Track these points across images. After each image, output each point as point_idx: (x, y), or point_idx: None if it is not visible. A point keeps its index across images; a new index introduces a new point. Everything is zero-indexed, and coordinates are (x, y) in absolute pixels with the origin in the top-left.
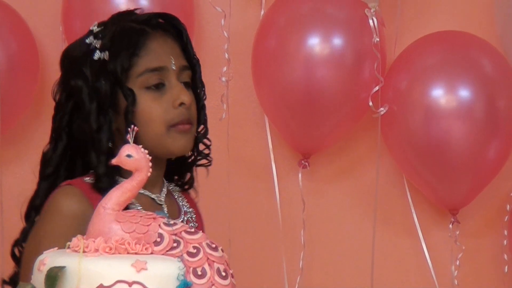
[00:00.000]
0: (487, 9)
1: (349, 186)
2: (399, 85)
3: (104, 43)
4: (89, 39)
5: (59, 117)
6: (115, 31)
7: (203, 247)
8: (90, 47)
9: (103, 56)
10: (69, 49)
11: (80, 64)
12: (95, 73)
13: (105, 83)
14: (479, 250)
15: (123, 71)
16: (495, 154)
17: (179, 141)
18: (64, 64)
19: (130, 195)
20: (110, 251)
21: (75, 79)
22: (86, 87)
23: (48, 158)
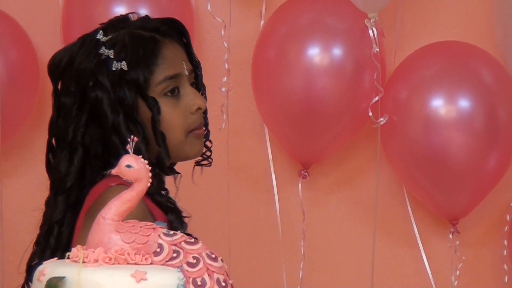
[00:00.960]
0: (486, 19)
1: (349, 196)
2: (398, 95)
3: (119, 53)
4: (102, 49)
5: (72, 129)
6: (126, 40)
7: (203, 257)
8: (101, 56)
9: (120, 66)
10: (71, 59)
11: (95, 75)
12: (115, 84)
13: (130, 93)
14: (479, 260)
15: (145, 81)
16: (495, 164)
17: (196, 145)
18: (68, 75)
19: (130, 206)
20: (109, 261)
21: (94, 90)
22: (107, 98)
23: (65, 172)
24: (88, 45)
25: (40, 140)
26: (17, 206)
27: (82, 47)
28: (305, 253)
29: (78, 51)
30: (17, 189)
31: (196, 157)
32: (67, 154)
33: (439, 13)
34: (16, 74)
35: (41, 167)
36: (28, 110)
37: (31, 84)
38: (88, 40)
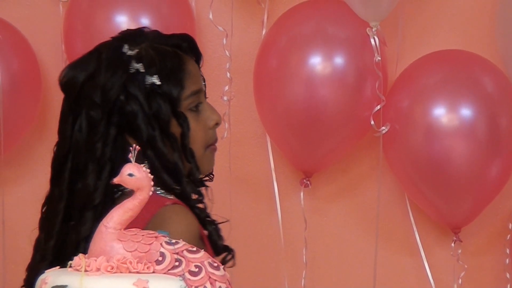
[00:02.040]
0: (488, 28)
1: (351, 204)
2: (400, 104)
3: (149, 67)
4: (132, 64)
5: (100, 145)
6: (152, 54)
7: (205, 266)
8: (130, 70)
9: (152, 80)
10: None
11: (127, 89)
12: (149, 98)
13: (165, 107)
14: (481, 268)
15: (178, 95)
16: (497, 172)
17: (211, 160)
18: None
19: (131, 214)
20: (111, 270)
21: (128, 105)
22: (141, 112)
23: (94, 188)
24: (114, 59)
25: (41, 148)
26: (19, 214)
27: (104, 61)
28: (307, 261)
29: (99, 66)
30: (19, 197)
31: (209, 172)
32: (94, 169)
33: (440, 22)
34: (18, 83)
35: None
36: (30, 119)
37: (33, 93)
38: (109, 53)
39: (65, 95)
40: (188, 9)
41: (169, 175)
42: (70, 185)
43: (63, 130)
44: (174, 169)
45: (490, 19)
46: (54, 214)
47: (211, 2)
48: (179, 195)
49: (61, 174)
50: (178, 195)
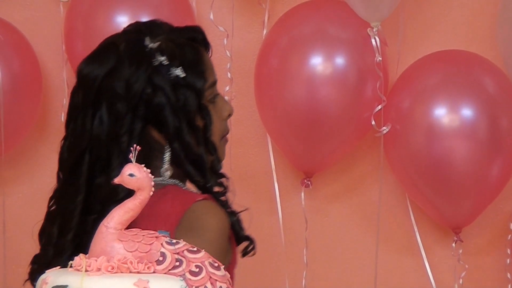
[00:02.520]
0: (489, 28)
1: (351, 205)
2: (401, 104)
3: (172, 59)
4: (156, 57)
5: (126, 138)
6: (173, 46)
7: (205, 266)
8: (154, 63)
9: (177, 72)
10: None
11: (152, 81)
12: (176, 90)
13: (191, 99)
14: (482, 268)
15: (202, 87)
16: (498, 172)
17: (224, 151)
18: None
19: (132, 214)
20: (112, 270)
21: (155, 97)
22: (168, 104)
23: None
24: (136, 52)
25: (42, 148)
26: (20, 214)
27: (125, 54)
28: (308, 261)
29: (120, 59)
30: (20, 198)
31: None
32: (119, 163)
33: (441, 22)
34: (19, 83)
35: (44, 176)
36: (31, 119)
37: (34, 93)
38: (130, 47)
39: (83, 90)
40: (188, 9)
41: (194, 168)
42: (89, 179)
43: (80, 124)
44: (199, 162)
45: (491, 19)
46: (71, 207)
47: (212, 2)
48: (202, 187)
49: (77, 168)
50: (201, 188)
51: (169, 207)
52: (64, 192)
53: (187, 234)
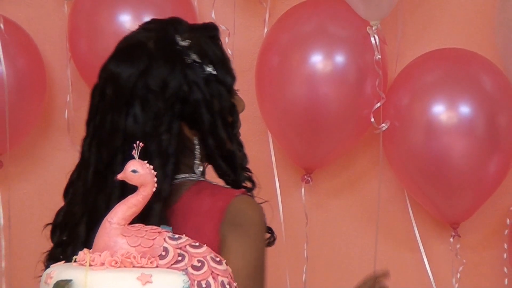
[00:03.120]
0: (487, 27)
1: (351, 200)
2: (400, 102)
3: (203, 57)
4: (189, 55)
5: (166, 137)
6: (200, 44)
7: (207, 260)
8: (187, 61)
9: (210, 70)
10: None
11: (187, 79)
12: (210, 88)
13: (225, 96)
14: (480, 263)
15: (231, 84)
16: (495, 169)
17: None
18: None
19: (135, 210)
20: (116, 264)
21: (192, 95)
22: (204, 102)
23: (161, 181)
24: (168, 50)
25: (46, 145)
26: (24, 210)
27: (157, 53)
28: (308, 256)
29: (152, 58)
30: (25, 193)
31: None
32: (160, 162)
33: (440, 20)
34: (23, 81)
35: (48, 172)
36: (35, 116)
37: (38, 90)
38: (161, 45)
39: (114, 89)
40: (191, 8)
41: (225, 164)
42: None
43: (110, 122)
44: (231, 157)
45: (490, 18)
46: (103, 207)
47: (213, 1)
48: (232, 182)
49: (108, 167)
50: (231, 183)
51: (210, 203)
52: (93, 192)
53: (236, 230)
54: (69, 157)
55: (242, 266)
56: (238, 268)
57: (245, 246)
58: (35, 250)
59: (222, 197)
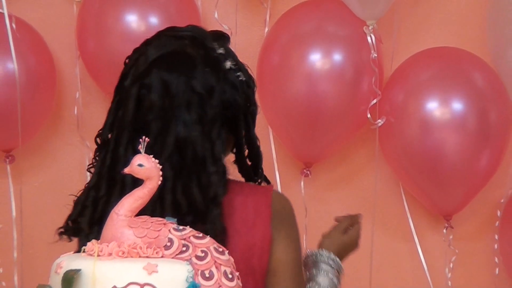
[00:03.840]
0: (479, 26)
1: (348, 193)
2: (395, 98)
3: (236, 64)
4: (226, 62)
5: (220, 142)
6: (230, 51)
7: (210, 251)
8: (225, 68)
9: (241, 76)
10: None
11: (230, 85)
12: (245, 92)
13: (254, 100)
14: (472, 253)
15: (254, 89)
16: (486, 163)
17: None
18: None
19: (141, 202)
20: (123, 255)
21: (234, 99)
22: (242, 105)
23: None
24: (211, 58)
25: (56, 140)
26: (36, 202)
27: (202, 60)
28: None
29: (197, 66)
30: (36, 187)
31: None
32: (214, 168)
33: (433, 20)
34: (34, 79)
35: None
36: (46, 113)
37: (49, 88)
38: (203, 53)
39: (165, 96)
40: (194, 8)
41: (251, 164)
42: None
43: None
44: (258, 158)
45: (481, 18)
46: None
47: (216, 2)
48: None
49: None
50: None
51: (254, 200)
52: None
53: (284, 224)
54: (78, 151)
55: (295, 257)
56: (292, 259)
57: (293, 238)
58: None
59: (262, 194)
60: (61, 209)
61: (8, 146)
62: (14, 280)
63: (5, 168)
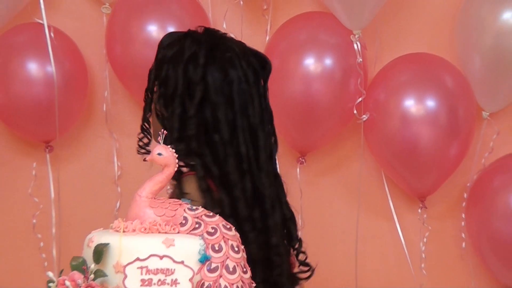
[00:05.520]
0: (449, 35)
1: (337, 178)
2: (378, 97)
3: None
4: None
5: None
6: None
7: (219, 227)
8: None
9: None
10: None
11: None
12: None
13: None
14: (442, 230)
15: None
16: (455, 152)
17: None
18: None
19: (161, 186)
20: (144, 230)
21: None
22: None
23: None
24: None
25: (88, 133)
26: (71, 187)
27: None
28: (303, 224)
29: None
30: (71, 173)
31: None
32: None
33: (410, 30)
34: (69, 81)
35: (90, 155)
36: (79, 110)
37: (81, 88)
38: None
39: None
40: (206, 19)
41: None
42: None
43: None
44: None
45: (451, 28)
46: None
47: (224, 14)
48: None
49: None
50: None
51: None
52: None
53: None
54: (106, 142)
55: None
56: None
57: None
58: (80, 219)
59: None
60: (92, 192)
61: (47, 138)
62: (52, 253)
63: (45, 157)
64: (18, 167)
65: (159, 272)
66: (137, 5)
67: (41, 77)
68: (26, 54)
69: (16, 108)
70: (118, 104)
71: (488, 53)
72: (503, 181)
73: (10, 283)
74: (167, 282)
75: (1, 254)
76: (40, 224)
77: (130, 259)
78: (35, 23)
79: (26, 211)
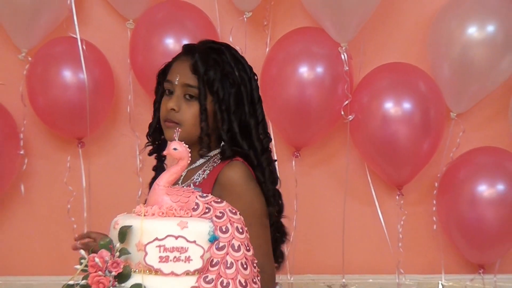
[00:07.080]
0: (422, 47)
1: (328, 170)
2: (362, 100)
3: None
4: None
5: None
6: None
7: (226, 212)
8: None
9: None
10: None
11: None
12: None
13: None
14: (417, 214)
15: None
16: (427, 148)
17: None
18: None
19: (176, 176)
20: (162, 215)
21: None
22: None
23: None
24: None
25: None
26: (100, 179)
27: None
28: (298, 209)
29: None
30: (100, 166)
31: None
32: None
33: (390, 42)
34: (98, 86)
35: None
36: (107, 110)
37: (109, 93)
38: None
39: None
40: (215, 34)
41: None
42: None
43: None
44: None
45: (424, 40)
46: None
47: (231, 29)
48: None
49: None
50: None
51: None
52: None
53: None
54: (130, 140)
55: None
56: None
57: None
58: (107, 204)
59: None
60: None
61: (80, 135)
62: None
63: (78, 151)
64: (55, 160)
65: (174, 250)
66: (156, 21)
67: (75, 83)
68: (62, 63)
69: (53, 110)
70: (140, 107)
71: (456, 62)
72: (468, 173)
73: (48, 259)
74: (181, 259)
75: (41, 234)
76: (73, 209)
77: (150, 239)
78: (69, 37)
79: (61, 197)
